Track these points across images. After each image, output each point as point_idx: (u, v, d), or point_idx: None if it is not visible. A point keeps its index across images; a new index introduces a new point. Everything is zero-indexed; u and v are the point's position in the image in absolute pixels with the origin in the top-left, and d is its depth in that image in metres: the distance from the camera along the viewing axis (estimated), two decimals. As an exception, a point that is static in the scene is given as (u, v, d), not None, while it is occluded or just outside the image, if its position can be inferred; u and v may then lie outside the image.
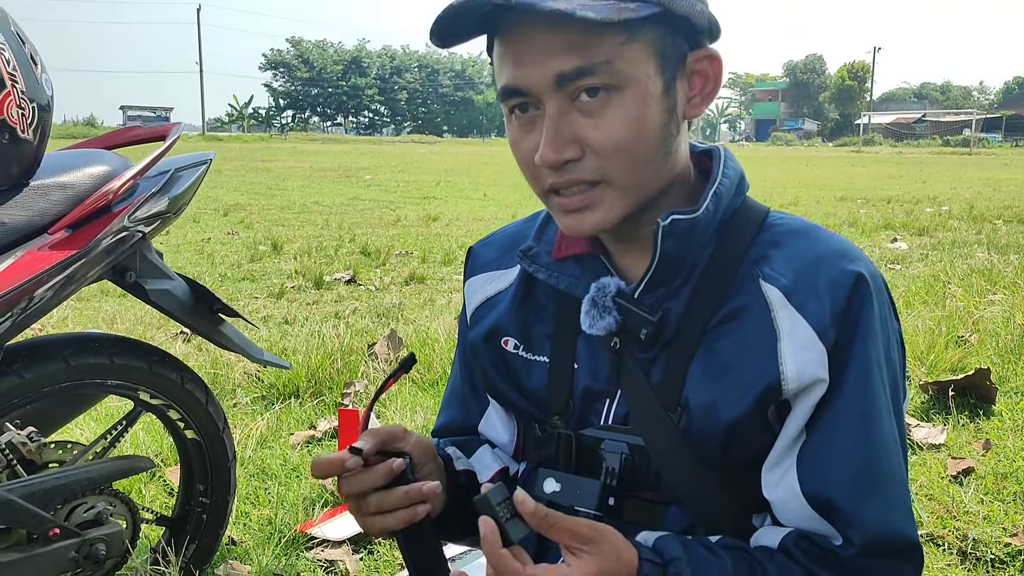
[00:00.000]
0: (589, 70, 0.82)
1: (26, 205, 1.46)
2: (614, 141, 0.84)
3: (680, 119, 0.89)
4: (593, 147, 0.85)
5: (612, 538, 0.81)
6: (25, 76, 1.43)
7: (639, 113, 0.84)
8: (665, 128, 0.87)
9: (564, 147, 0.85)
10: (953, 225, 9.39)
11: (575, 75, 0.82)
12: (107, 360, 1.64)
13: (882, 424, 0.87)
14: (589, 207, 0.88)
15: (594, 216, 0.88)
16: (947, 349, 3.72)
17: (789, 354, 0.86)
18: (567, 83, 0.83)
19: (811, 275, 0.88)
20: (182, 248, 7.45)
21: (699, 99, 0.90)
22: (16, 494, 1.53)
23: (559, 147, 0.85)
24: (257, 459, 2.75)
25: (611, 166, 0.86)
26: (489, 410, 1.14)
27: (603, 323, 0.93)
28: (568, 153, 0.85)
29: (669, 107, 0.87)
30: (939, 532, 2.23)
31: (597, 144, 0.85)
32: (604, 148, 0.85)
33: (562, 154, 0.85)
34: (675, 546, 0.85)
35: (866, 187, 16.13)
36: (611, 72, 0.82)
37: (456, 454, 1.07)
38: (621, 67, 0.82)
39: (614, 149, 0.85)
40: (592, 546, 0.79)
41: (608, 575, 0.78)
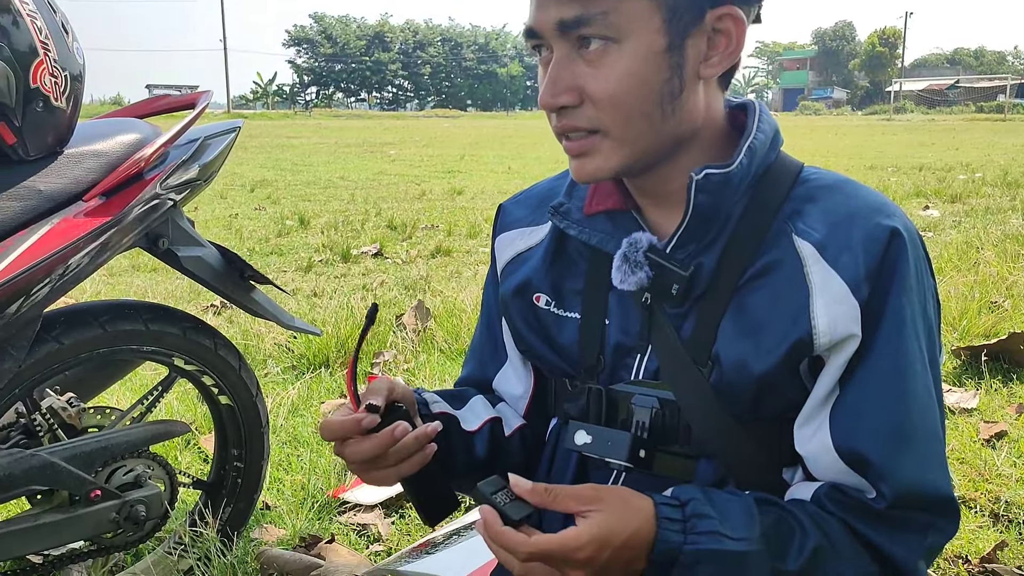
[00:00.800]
0: (586, 19, 0.83)
1: (61, 173, 1.49)
2: (608, 93, 0.85)
3: (691, 78, 0.88)
4: (589, 96, 0.86)
5: (619, 491, 0.82)
6: (57, 45, 1.45)
7: (634, 68, 0.85)
8: (667, 85, 0.86)
9: (560, 93, 0.87)
10: (987, 192, 9.23)
11: (574, 23, 0.84)
12: (142, 326, 1.67)
13: (916, 379, 0.87)
14: (588, 154, 0.90)
15: (593, 163, 0.90)
16: (980, 314, 3.68)
17: (821, 308, 0.86)
18: (568, 30, 0.85)
19: (845, 230, 0.88)
20: (210, 224, 7.51)
21: (718, 59, 0.89)
22: (59, 456, 1.57)
23: (556, 92, 0.87)
24: (289, 427, 2.79)
25: (605, 117, 0.87)
26: (506, 366, 1.15)
27: (634, 278, 0.93)
28: (563, 99, 0.87)
29: (673, 64, 0.86)
30: (971, 495, 2.22)
31: (592, 93, 0.86)
32: (598, 98, 0.86)
33: (557, 99, 0.87)
34: (692, 490, 0.85)
35: (897, 155, 15.88)
36: (607, 24, 0.83)
37: (433, 399, 1.08)
38: (618, 20, 0.83)
39: (608, 100, 0.86)
40: (598, 503, 0.79)
41: (616, 526, 0.78)
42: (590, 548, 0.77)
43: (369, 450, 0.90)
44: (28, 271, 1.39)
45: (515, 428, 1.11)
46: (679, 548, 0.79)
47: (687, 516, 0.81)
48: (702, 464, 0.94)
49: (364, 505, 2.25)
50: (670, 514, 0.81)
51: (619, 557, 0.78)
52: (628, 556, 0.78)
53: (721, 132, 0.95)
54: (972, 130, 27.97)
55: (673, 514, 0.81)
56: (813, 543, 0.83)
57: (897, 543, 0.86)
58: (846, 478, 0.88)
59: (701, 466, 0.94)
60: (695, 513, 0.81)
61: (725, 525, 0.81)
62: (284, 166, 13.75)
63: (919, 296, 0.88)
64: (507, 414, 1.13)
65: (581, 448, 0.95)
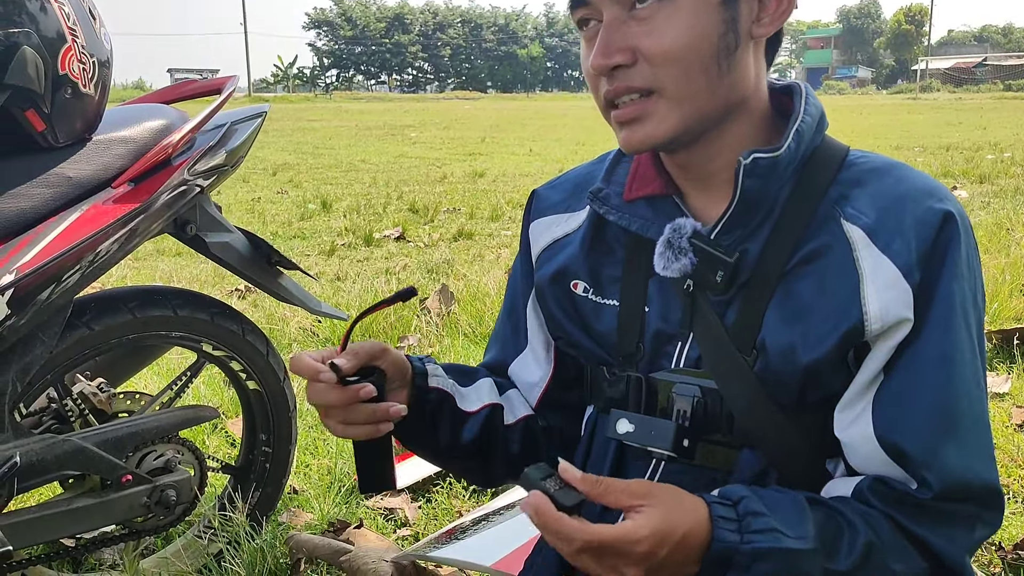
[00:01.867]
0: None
1: (90, 159, 1.49)
2: (664, 48, 0.83)
3: (744, 36, 0.87)
4: (645, 54, 0.84)
5: (671, 489, 0.79)
6: (85, 31, 1.45)
7: (692, 21, 0.83)
8: (723, 39, 0.85)
9: (614, 53, 0.85)
10: (1016, 172, 9.09)
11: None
12: (171, 312, 1.67)
13: (964, 367, 0.85)
14: (640, 119, 0.87)
15: (644, 128, 0.87)
16: (1011, 297, 3.62)
17: (872, 294, 0.84)
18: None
19: (896, 214, 0.85)
20: (233, 208, 7.55)
21: (768, 19, 0.88)
22: (90, 442, 1.58)
23: (610, 52, 0.85)
24: (315, 411, 2.80)
25: (663, 73, 0.84)
26: (526, 352, 1.13)
27: (678, 265, 0.91)
28: (617, 58, 0.85)
29: (728, 18, 0.85)
30: (1004, 480, 2.19)
31: (648, 51, 0.84)
32: (655, 55, 0.84)
33: (611, 58, 0.85)
34: (740, 488, 0.83)
35: (923, 135, 15.66)
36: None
37: (435, 371, 1.05)
38: None
39: (664, 56, 0.84)
40: (651, 499, 0.77)
41: (674, 523, 0.75)
42: (649, 542, 0.74)
43: (327, 398, 0.91)
44: (58, 258, 1.39)
45: (520, 418, 1.10)
46: (736, 547, 0.77)
47: (741, 515, 0.79)
48: (744, 454, 0.92)
49: (391, 489, 2.25)
50: (724, 513, 0.78)
51: (674, 556, 0.75)
52: (682, 557, 0.76)
53: (766, 111, 0.93)
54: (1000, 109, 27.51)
55: (727, 513, 0.79)
56: (863, 540, 0.82)
57: (944, 536, 0.84)
58: (886, 469, 0.85)
59: (743, 456, 0.92)
60: (749, 511, 0.79)
61: (780, 522, 0.79)
62: (305, 149, 13.78)
63: (969, 283, 0.86)
64: (514, 403, 1.11)
65: (623, 437, 0.93)
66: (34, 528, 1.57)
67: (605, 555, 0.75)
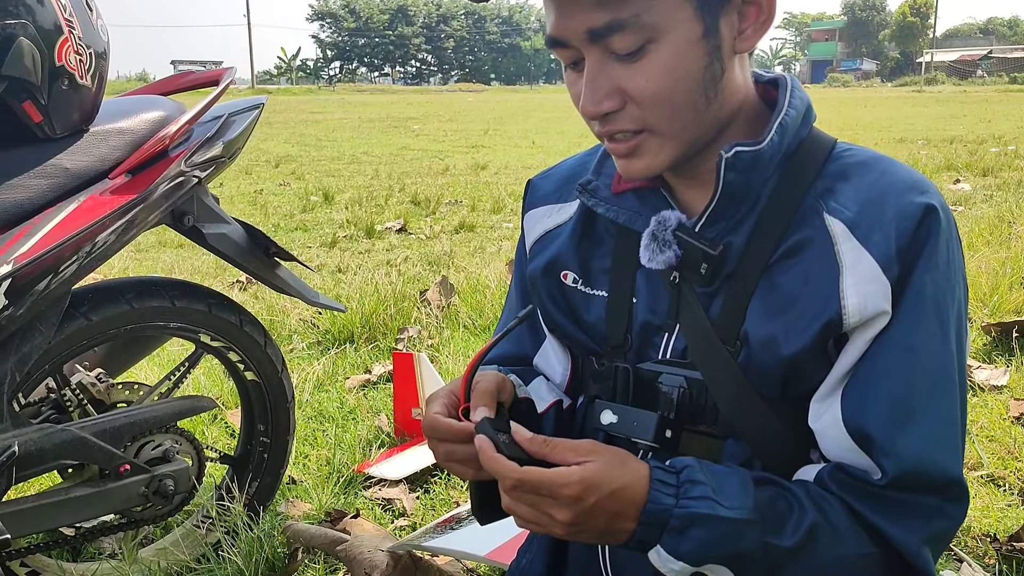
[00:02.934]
0: (619, 25, 0.80)
1: (87, 151, 1.49)
2: (651, 92, 0.83)
3: (729, 56, 0.86)
4: (632, 97, 0.84)
5: (617, 450, 0.83)
6: (82, 22, 1.45)
7: (676, 62, 0.82)
8: (708, 71, 0.84)
9: (602, 99, 0.85)
10: (1020, 165, 9.05)
11: (606, 30, 0.81)
12: (169, 303, 1.68)
13: (930, 357, 0.85)
14: (636, 153, 0.88)
15: (642, 161, 0.89)
16: (1011, 290, 3.62)
17: (851, 287, 0.84)
18: (600, 38, 0.82)
19: (877, 208, 0.86)
20: (235, 200, 7.56)
21: (751, 31, 0.87)
22: (89, 432, 1.59)
23: (598, 99, 0.85)
24: (314, 402, 2.81)
25: (651, 115, 0.85)
26: (546, 345, 1.13)
27: (663, 257, 0.92)
28: (606, 105, 0.85)
29: (711, 49, 0.84)
30: (1000, 473, 2.19)
31: (635, 94, 0.84)
32: (642, 98, 0.84)
33: (600, 106, 0.85)
34: (687, 459, 0.86)
35: (927, 127, 15.62)
36: (642, 25, 0.80)
37: (517, 381, 1.07)
38: (652, 18, 0.80)
39: (652, 99, 0.84)
40: (595, 455, 0.81)
41: (609, 476, 0.79)
42: (577, 488, 0.78)
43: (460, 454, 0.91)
44: (56, 248, 1.40)
45: (550, 404, 1.10)
46: (670, 510, 0.80)
47: (680, 481, 0.82)
48: (729, 444, 0.93)
49: (389, 480, 2.26)
50: (664, 477, 0.82)
51: (606, 507, 0.79)
52: (615, 509, 0.80)
53: (755, 107, 0.93)
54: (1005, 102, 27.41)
55: (667, 478, 0.82)
56: (810, 521, 0.83)
57: (899, 525, 0.84)
58: (853, 456, 0.86)
59: (728, 447, 0.93)
60: (689, 479, 0.82)
61: (718, 493, 0.81)
62: (308, 142, 13.78)
63: (946, 276, 0.86)
64: (541, 391, 1.11)
65: (607, 428, 0.94)
66: (33, 517, 1.58)
67: (535, 496, 0.80)
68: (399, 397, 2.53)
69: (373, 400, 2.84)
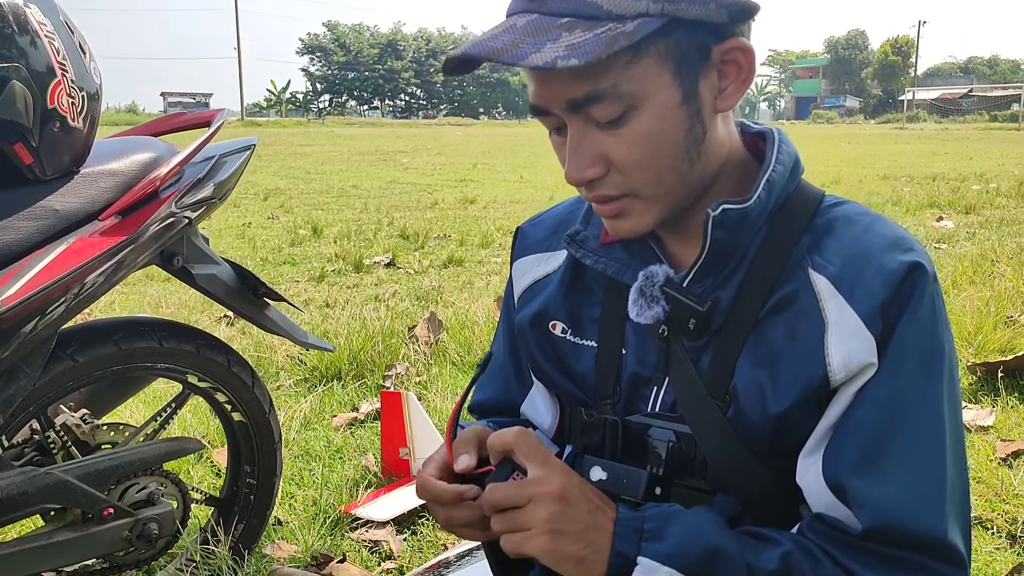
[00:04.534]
0: (597, 96, 0.81)
1: (77, 192, 1.49)
2: (634, 159, 0.84)
3: (710, 116, 0.86)
4: (615, 164, 0.85)
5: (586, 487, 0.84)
6: (75, 65, 1.46)
7: (656, 128, 0.83)
8: (689, 134, 0.85)
9: (586, 167, 0.85)
10: (1001, 203, 9.17)
11: (585, 100, 0.81)
12: (156, 344, 1.67)
13: (912, 409, 0.83)
14: (622, 215, 0.89)
15: (628, 222, 0.89)
16: (996, 329, 3.64)
17: (834, 344, 0.84)
18: (580, 108, 0.82)
19: (861, 263, 0.86)
20: (224, 233, 7.55)
21: (732, 89, 0.87)
22: (72, 475, 1.57)
23: (581, 167, 0.85)
24: (301, 441, 2.79)
25: (634, 181, 0.86)
26: (533, 392, 1.13)
27: (651, 312, 0.92)
28: (590, 173, 0.85)
29: (691, 113, 0.84)
30: (988, 515, 2.19)
31: (618, 161, 0.85)
32: (625, 165, 0.85)
33: (584, 174, 0.85)
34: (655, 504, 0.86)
35: (910, 164, 15.81)
36: (620, 94, 0.81)
37: None
38: (631, 87, 0.81)
39: (635, 166, 0.84)
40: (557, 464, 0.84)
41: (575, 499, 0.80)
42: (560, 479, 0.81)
43: (461, 518, 0.89)
44: (44, 290, 1.39)
45: None
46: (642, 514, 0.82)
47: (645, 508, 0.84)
48: (719, 499, 0.92)
49: (376, 521, 2.24)
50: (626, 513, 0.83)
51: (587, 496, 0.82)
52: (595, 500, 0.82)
53: (741, 160, 0.94)
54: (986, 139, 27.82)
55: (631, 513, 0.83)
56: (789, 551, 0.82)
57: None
58: (834, 510, 0.85)
59: (718, 501, 0.92)
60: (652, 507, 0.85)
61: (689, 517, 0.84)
62: (297, 174, 13.81)
63: (931, 330, 0.85)
64: None
65: (596, 484, 0.93)
66: (14, 561, 1.55)
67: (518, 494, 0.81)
68: (387, 436, 2.51)
69: (360, 439, 2.82)
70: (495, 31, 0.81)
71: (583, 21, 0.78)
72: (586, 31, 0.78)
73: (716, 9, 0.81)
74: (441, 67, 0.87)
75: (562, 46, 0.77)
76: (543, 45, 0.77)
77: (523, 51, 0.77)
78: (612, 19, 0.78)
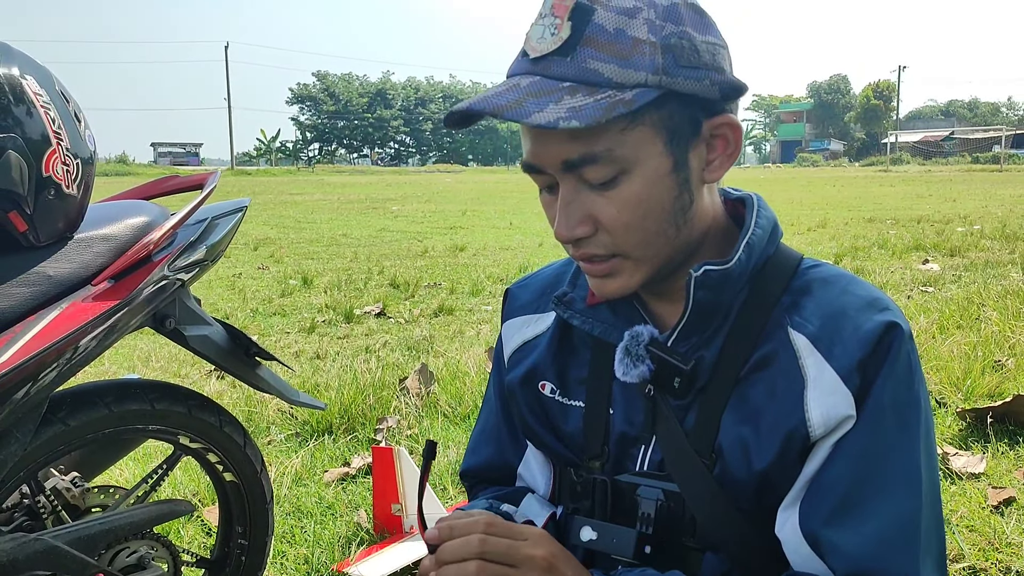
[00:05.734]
0: (592, 158, 0.84)
1: (71, 258, 1.51)
2: (623, 221, 0.87)
3: (697, 186, 0.90)
4: (604, 225, 0.88)
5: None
6: (70, 133, 1.48)
7: (647, 193, 0.86)
8: (677, 201, 0.88)
9: (576, 225, 0.88)
10: (986, 245, 9.27)
11: (580, 161, 0.85)
12: (148, 406, 1.67)
13: (886, 461, 0.85)
14: (609, 275, 0.91)
15: (615, 283, 0.92)
16: (984, 374, 3.67)
17: (814, 400, 0.87)
18: (574, 168, 0.86)
19: (839, 323, 0.89)
20: (214, 284, 7.55)
21: (718, 162, 0.91)
22: (62, 540, 1.56)
23: (571, 226, 0.88)
24: (292, 497, 2.77)
25: (623, 242, 0.88)
26: (527, 454, 1.14)
27: (636, 371, 0.94)
28: (579, 231, 0.88)
29: (680, 181, 0.88)
30: (981, 564, 2.19)
31: (607, 223, 0.87)
32: (614, 227, 0.88)
33: (573, 232, 0.88)
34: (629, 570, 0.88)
35: (895, 207, 15.99)
36: (614, 158, 0.84)
37: (510, 510, 1.06)
38: (625, 152, 0.84)
39: (624, 228, 0.87)
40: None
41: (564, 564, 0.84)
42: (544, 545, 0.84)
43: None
44: (37, 356, 1.39)
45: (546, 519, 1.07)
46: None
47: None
48: (708, 557, 0.94)
49: None
50: None
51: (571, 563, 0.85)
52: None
53: (723, 226, 0.97)
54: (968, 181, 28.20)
55: None
56: None
57: None
58: (812, 564, 0.86)
59: (707, 560, 0.94)
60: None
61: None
62: (287, 223, 13.86)
63: (907, 385, 0.88)
64: (533, 508, 1.09)
65: (587, 544, 0.95)
66: (1, 630, 1.53)
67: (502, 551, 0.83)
68: (379, 493, 2.50)
69: (352, 494, 2.80)
70: (499, 89, 0.84)
71: (584, 87, 0.82)
72: (587, 96, 0.81)
73: (709, 86, 0.86)
74: (443, 120, 0.90)
75: (564, 108, 0.80)
76: (546, 105, 0.81)
77: (527, 109, 0.81)
78: (612, 87, 0.82)
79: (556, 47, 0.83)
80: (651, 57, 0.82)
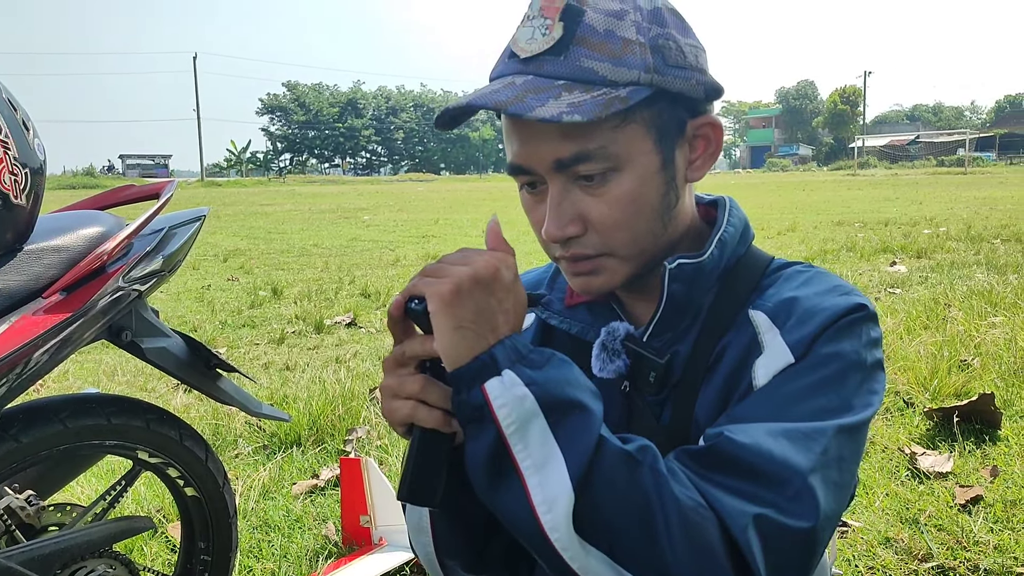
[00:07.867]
0: (585, 156, 0.85)
1: (20, 270, 1.47)
2: (614, 219, 0.88)
3: (682, 184, 0.92)
4: (594, 224, 0.89)
5: None
6: (18, 143, 1.44)
7: (638, 191, 0.88)
8: (665, 198, 0.90)
9: (566, 225, 0.89)
10: (951, 246, 9.40)
11: (572, 160, 0.86)
12: (105, 420, 1.63)
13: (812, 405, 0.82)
14: (595, 272, 0.92)
15: (600, 279, 0.93)
16: (950, 374, 3.70)
17: (762, 365, 0.86)
18: (566, 167, 0.86)
19: (800, 303, 0.89)
20: (182, 296, 7.46)
21: (700, 162, 0.93)
22: (15, 561, 1.51)
23: (562, 225, 0.89)
24: (260, 511, 2.73)
25: (612, 240, 0.90)
26: None
27: (613, 367, 0.96)
28: (570, 231, 0.89)
29: (668, 178, 0.90)
30: (950, 563, 2.20)
31: (597, 221, 0.88)
32: (604, 225, 0.89)
33: (564, 231, 0.89)
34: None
35: (863, 210, 16.18)
36: (607, 156, 0.86)
37: None
38: (617, 149, 0.86)
39: (614, 226, 0.89)
40: None
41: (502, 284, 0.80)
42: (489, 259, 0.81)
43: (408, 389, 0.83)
44: (-15, 371, 1.35)
45: None
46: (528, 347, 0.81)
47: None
48: None
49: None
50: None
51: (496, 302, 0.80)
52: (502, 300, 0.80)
53: (698, 228, 0.99)
54: (934, 184, 28.61)
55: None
56: (646, 445, 0.80)
57: (720, 499, 0.78)
58: None
59: None
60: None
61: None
62: (258, 234, 13.74)
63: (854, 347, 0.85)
64: None
65: None
66: (-48, 655, 1.49)
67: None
68: (347, 504, 2.47)
69: (321, 507, 2.76)
70: (495, 87, 0.85)
71: (579, 84, 0.84)
72: (583, 93, 0.83)
73: (696, 85, 0.89)
74: (435, 119, 0.91)
75: (564, 103, 0.81)
76: (546, 101, 0.82)
77: (528, 104, 0.82)
78: (606, 84, 0.84)
79: (548, 47, 0.85)
80: (642, 57, 0.85)
